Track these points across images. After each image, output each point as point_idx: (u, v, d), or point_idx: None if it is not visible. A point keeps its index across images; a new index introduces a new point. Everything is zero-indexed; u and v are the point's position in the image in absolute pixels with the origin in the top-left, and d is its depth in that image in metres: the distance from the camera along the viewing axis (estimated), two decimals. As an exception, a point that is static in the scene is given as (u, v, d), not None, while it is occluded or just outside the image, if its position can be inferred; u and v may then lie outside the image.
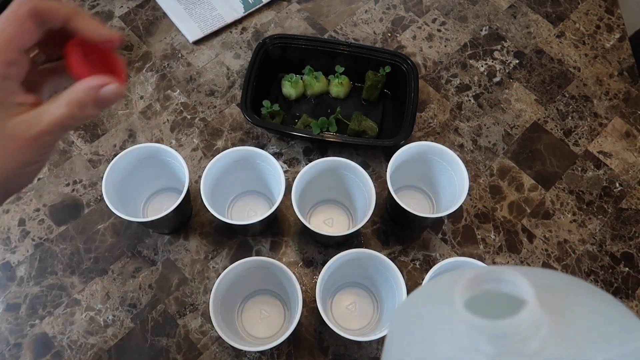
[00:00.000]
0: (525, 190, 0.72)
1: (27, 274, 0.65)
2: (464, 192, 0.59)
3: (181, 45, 0.81)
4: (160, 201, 0.69)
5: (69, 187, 0.70)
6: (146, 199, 0.69)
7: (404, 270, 0.66)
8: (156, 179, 0.67)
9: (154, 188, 0.69)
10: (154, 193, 0.70)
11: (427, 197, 0.71)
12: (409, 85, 0.71)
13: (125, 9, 0.84)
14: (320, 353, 0.61)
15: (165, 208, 0.59)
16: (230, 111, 0.76)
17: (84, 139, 0.73)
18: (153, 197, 0.69)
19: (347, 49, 0.74)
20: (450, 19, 0.85)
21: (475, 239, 0.68)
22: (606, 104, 0.78)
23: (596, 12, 0.86)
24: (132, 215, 0.59)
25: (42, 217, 0.68)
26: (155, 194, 0.70)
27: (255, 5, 0.84)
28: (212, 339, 0.62)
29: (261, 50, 0.73)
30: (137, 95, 0.77)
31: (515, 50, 0.82)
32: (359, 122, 0.71)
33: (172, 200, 0.60)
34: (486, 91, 0.79)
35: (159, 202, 0.69)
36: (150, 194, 0.69)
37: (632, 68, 0.81)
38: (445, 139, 0.75)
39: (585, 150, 0.75)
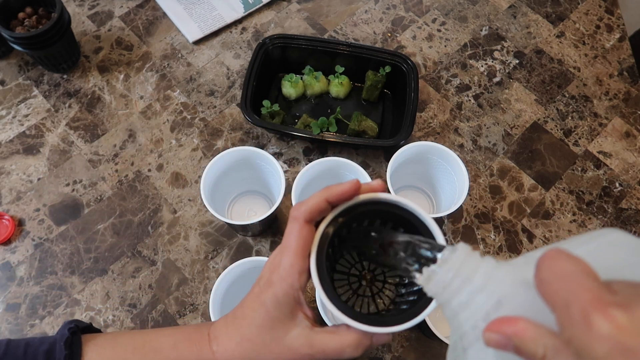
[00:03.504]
0: (525, 190, 0.72)
1: (27, 274, 0.65)
2: (464, 192, 0.59)
3: (181, 45, 0.81)
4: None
5: (69, 187, 0.70)
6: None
7: (404, 270, 0.66)
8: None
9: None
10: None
11: (427, 197, 0.71)
12: (409, 85, 0.71)
13: (125, 9, 0.84)
14: (320, 353, 0.61)
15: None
16: (230, 111, 0.76)
17: (84, 139, 0.73)
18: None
19: (347, 49, 0.74)
20: (450, 19, 0.85)
21: (475, 239, 0.68)
22: (606, 104, 0.78)
23: (596, 12, 0.86)
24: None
25: (42, 217, 0.68)
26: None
27: (255, 5, 0.84)
28: (212, 339, 0.62)
29: (261, 50, 0.73)
30: (137, 95, 0.77)
31: (515, 50, 0.82)
32: (359, 122, 0.71)
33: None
34: (486, 91, 0.79)
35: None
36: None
37: (632, 68, 0.81)
38: (445, 139, 0.75)
39: (585, 150, 0.75)
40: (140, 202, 0.69)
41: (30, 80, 0.77)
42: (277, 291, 0.33)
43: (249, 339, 0.34)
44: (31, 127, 0.74)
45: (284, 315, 0.34)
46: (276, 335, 0.34)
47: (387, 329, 0.32)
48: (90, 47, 0.80)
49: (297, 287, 0.33)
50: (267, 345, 0.34)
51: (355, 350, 0.33)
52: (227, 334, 0.36)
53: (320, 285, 0.32)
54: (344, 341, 0.33)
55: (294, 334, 0.34)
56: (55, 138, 0.73)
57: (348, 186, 0.34)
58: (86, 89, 0.77)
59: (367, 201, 0.34)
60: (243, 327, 0.35)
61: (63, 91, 0.76)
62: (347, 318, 0.32)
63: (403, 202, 0.34)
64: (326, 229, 0.34)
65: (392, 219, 0.35)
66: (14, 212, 0.68)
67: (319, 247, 0.33)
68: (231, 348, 0.35)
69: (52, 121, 0.74)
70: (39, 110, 0.75)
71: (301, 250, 0.33)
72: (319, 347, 0.33)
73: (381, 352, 0.61)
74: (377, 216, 0.35)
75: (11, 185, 0.70)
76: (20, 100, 0.75)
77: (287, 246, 0.33)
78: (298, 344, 0.34)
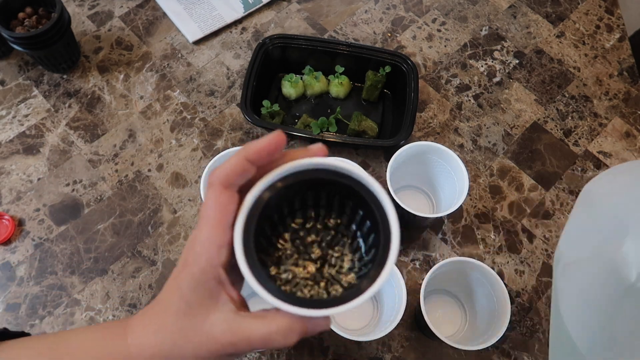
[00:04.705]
0: (525, 190, 0.72)
1: (27, 274, 0.65)
2: (464, 192, 0.59)
3: (181, 45, 0.81)
4: None
5: (69, 187, 0.70)
6: None
7: (404, 270, 0.66)
8: None
9: None
10: None
11: (427, 197, 0.71)
12: (409, 85, 0.71)
13: (125, 9, 0.84)
14: (320, 353, 0.61)
15: None
16: (230, 111, 0.76)
17: (83, 139, 0.73)
18: None
19: (347, 49, 0.74)
20: (450, 19, 0.85)
21: (475, 239, 0.68)
22: (606, 104, 0.78)
23: (596, 12, 0.86)
24: None
25: (42, 217, 0.68)
26: None
27: (255, 5, 0.84)
28: (212, 339, 0.62)
29: (261, 50, 0.73)
30: (137, 95, 0.77)
31: (515, 50, 0.82)
32: (359, 122, 0.71)
33: None
34: (486, 91, 0.79)
35: None
36: None
37: (632, 68, 0.81)
38: (445, 139, 0.75)
39: (585, 150, 0.75)
40: (140, 202, 0.69)
41: (30, 80, 0.77)
42: (194, 271, 0.29)
43: (164, 328, 0.30)
44: (31, 127, 0.74)
45: (202, 298, 0.29)
46: (195, 321, 0.29)
47: (319, 311, 0.27)
48: (90, 47, 0.80)
49: (217, 264, 0.28)
50: (184, 333, 0.29)
51: (285, 338, 0.28)
52: (143, 324, 0.31)
53: (245, 259, 0.28)
54: (271, 327, 0.28)
55: (215, 320, 0.29)
56: (55, 138, 0.73)
57: (268, 140, 0.28)
58: (86, 89, 0.77)
59: (309, 167, 0.30)
60: (159, 315, 0.31)
61: (63, 91, 0.76)
62: (271, 296, 0.27)
63: (349, 169, 0.29)
64: (257, 196, 0.29)
65: (340, 190, 0.30)
66: (14, 212, 0.68)
67: (247, 217, 0.28)
68: (147, 339, 0.31)
69: (52, 121, 0.74)
70: (39, 110, 0.75)
71: (219, 221, 0.28)
72: (243, 334, 0.29)
73: (381, 352, 0.62)
74: (321, 186, 0.31)
75: (11, 185, 0.70)
76: (20, 100, 0.75)
77: (203, 217, 0.29)
78: (219, 331, 0.29)
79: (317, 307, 0.27)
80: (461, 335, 0.62)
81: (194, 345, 0.29)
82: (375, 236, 0.30)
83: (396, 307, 0.55)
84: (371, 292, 0.27)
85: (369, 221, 0.30)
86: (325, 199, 0.32)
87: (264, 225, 0.30)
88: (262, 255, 0.30)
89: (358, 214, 0.31)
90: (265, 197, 0.29)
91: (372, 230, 0.30)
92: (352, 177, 0.29)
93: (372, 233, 0.30)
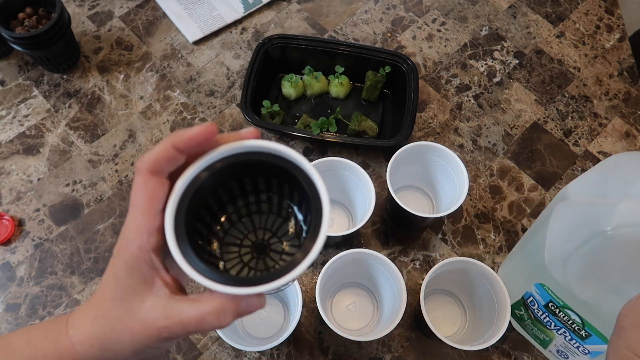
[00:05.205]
0: (525, 190, 0.72)
1: (27, 274, 0.65)
2: (464, 192, 0.59)
3: (181, 45, 0.81)
4: None
5: (69, 187, 0.70)
6: None
7: (404, 270, 0.66)
8: None
9: None
10: None
11: (427, 197, 0.71)
12: (409, 85, 0.71)
13: (125, 9, 0.84)
14: (320, 353, 0.61)
15: None
16: (230, 111, 0.76)
17: (83, 139, 0.73)
18: None
19: (347, 49, 0.74)
20: (450, 19, 0.85)
21: (475, 239, 0.68)
22: (606, 104, 0.78)
23: (596, 12, 0.86)
24: None
25: (42, 217, 0.68)
26: None
27: (255, 5, 0.84)
28: (212, 339, 0.62)
29: (261, 50, 0.73)
30: (137, 95, 0.77)
31: (515, 50, 0.82)
32: (359, 122, 0.71)
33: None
34: (486, 91, 0.79)
35: None
36: None
37: (632, 68, 0.81)
38: (445, 139, 0.75)
39: (585, 150, 0.75)
40: (140, 202, 0.69)
41: (30, 81, 0.77)
42: (126, 257, 0.29)
43: (102, 315, 0.30)
44: (31, 127, 0.74)
45: (136, 283, 0.29)
46: (130, 307, 0.29)
47: (249, 289, 0.27)
48: (90, 47, 0.80)
49: (148, 249, 0.28)
50: (121, 320, 0.29)
51: (218, 319, 0.28)
52: (83, 314, 0.31)
53: (175, 242, 0.28)
54: (203, 309, 0.28)
55: (149, 305, 0.29)
56: (55, 138, 0.73)
57: (198, 130, 0.28)
58: (86, 89, 0.77)
59: (241, 151, 0.30)
60: (97, 303, 0.31)
61: (63, 91, 0.76)
62: (201, 276, 0.27)
63: (280, 149, 0.29)
64: (189, 180, 0.29)
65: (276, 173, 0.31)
66: (14, 212, 0.68)
67: (179, 201, 0.29)
68: (86, 329, 0.31)
69: (52, 121, 0.74)
70: (39, 111, 0.75)
71: (148, 206, 0.28)
72: (176, 318, 0.29)
73: (381, 352, 0.62)
74: (258, 170, 0.31)
75: (11, 186, 0.70)
76: (20, 101, 0.75)
77: (132, 204, 0.29)
78: (153, 316, 0.29)
79: (247, 285, 0.27)
80: (461, 335, 0.62)
81: (131, 332, 0.29)
82: (309, 214, 0.30)
83: (396, 307, 0.55)
84: (299, 270, 0.27)
85: (303, 201, 0.31)
86: (264, 183, 0.32)
87: (200, 210, 0.30)
88: (198, 238, 0.30)
89: (294, 195, 0.32)
90: (198, 181, 0.29)
91: (307, 209, 0.31)
92: (285, 158, 0.30)
93: (307, 212, 0.31)
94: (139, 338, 0.29)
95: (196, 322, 0.28)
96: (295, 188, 0.31)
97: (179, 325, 0.29)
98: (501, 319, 0.53)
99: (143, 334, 0.29)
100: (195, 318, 0.28)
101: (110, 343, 0.30)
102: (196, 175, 0.29)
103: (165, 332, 0.29)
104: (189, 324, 0.29)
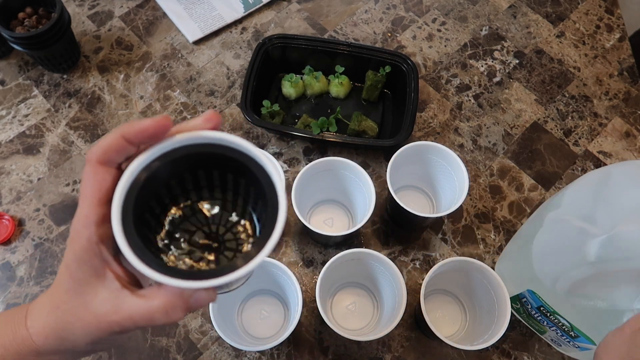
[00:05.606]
0: (525, 190, 0.72)
1: (27, 274, 0.65)
2: (464, 192, 0.59)
3: (181, 45, 0.81)
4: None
5: (69, 187, 0.70)
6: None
7: (404, 270, 0.66)
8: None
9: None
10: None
11: (427, 197, 0.71)
12: (409, 85, 0.71)
13: (125, 9, 0.84)
14: (320, 353, 0.61)
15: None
16: (230, 111, 0.76)
17: (83, 139, 0.73)
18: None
19: (347, 49, 0.74)
20: (450, 19, 0.85)
21: (475, 239, 0.68)
22: (606, 104, 0.78)
23: (596, 12, 0.86)
24: None
25: (42, 217, 0.68)
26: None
27: (255, 5, 0.84)
28: (212, 339, 0.62)
29: (261, 50, 0.73)
30: (137, 95, 0.77)
31: (515, 50, 0.82)
32: (359, 122, 0.71)
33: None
34: (486, 91, 0.79)
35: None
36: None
37: (632, 68, 0.81)
38: (445, 139, 0.75)
39: (585, 150, 0.75)
40: (140, 202, 0.69)
41: (30, 80, 0.77)
42: (76, 248, 0.28)
43: (57, 307, 0.30)
44: (31, 127, 0.74)
45: (88, 276, 0.29)
46: (83, 300, 0.29)
47: (197, 282, 0.26)
48: (90, 47, 0.80)
49: (96, 241, 0.28)
50: (75, 312, 0.29)
51: (167, 315, 0.28)
52: (41, 305, 0.31)
53: (122, 232, 0.27)
54: (152, 304, 0.28)
55: (101, 298, 0.29)
56: (55, 138, 0.73)
57: (149, 123, 0.28)
58: (86, 89, 0.77)
59: (195, 142, 0.29)
60: (53, 295, 0.31)
61: (63, 91, 0.76)
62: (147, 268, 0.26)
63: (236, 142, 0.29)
64: (137, 170, 0.28)
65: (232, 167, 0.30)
66: (14, 212, 0.68)
67: (126, 192, 0.28)
68: (42, 319, 0.31)
69: (52, 121, 0.74)
70: (39, 110, 0.75)
71: (96, 198, 0.28)
72: (125, 312, 0.28)
73: (381, 352, 0.62)
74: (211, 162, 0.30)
75: (11, 185, 0.70)
76: (20, 100, 0.75)
77: (81, 194, 0.28)
78: (104, 309, 0.29)
79: (196, 279, 0.26)
80: (461, 335, 0.62)
81: (84, 324, 0.29)
82: (265, 209, 0.29)
83: (396, 307, 0.55)
84: (250, 266, 0.27)
85: (260, 197, 0.30)
86: (219, 178, 0.31)
87: (150, 201, 0.30)
88: (147, 230, 0.30)
89: (250, 190, 0.31)
90: (148, 171, 0.28)
91: (263, 205, 0.30)
92: (241, 151, 0.29)
93: (263, 208, 0.30)
94: (91, 330, 0.29)
95: (145, 317, 0.28)
96: (252, 183, 0.30)
97: (128, 320, 0.28)
98: (501, 318, 0.53)
99: (95, 327, 0.29)
100: (144, 314, 0.28)
101: (65, 334, 0.30)
102: (146, 165, 0.28)
103: (116, 326, 0.29)
104: (139, 319, 0.28)
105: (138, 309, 0.28)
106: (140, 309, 0.28)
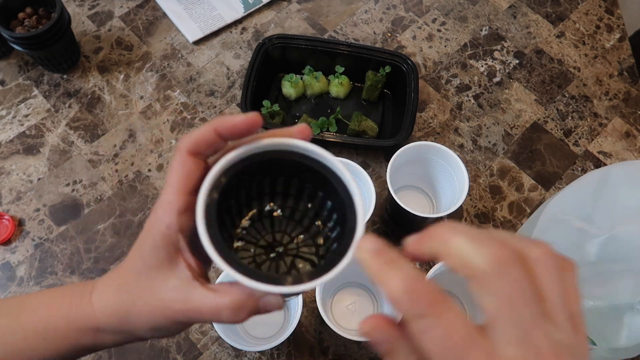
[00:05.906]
0: (525, 190, 0.72)
1: (27, 274, 0.65)
2: (464, 192, 0.59)
3: (181, 45, 0.81)
4: None
5: (69, 187, 0.70)
6: None
7: (404, 270, 0.66)
8: None
9: None
10: None
11: (427, 197, 0.71)
12: (409, 85, 0.71)
13: (125, 9, 0.84)
14: (320, 353, 0.61)
15: None
16: (230, 111, 0.76)
17: (83, 139, 0.73)
18: None
19: (347, 49, 0.74)
20: (450, 19, 0.85)
21: (475, 239, 0.68)
22: (606, 104, 0.78)
23: (596, 12, 0.86)
24: None
25: (42, 217, 0.68)
26: None
27: (255, 5, 0.84)
28: (212, 339, 0.62)
29: (261, 50, 0.73)
30: (137, 95, 0.77)
31: (515, 50, 0.82)
32: (359, 122, 0.71)
33: None
34: (486, 91, 0.79)
35: None
36: None
37: (632, 68, 0.81)
38: (445, 139, 0.75)
39: (585, 150, 0.75)
40: (140, 202, 0.69)
41: (30, 80, 0.77)
42: (154, 234, 0.29)
43: (125, 287, 0.30)
44: (31, 127, 0.74)
45: (161, 262, 0.29)
46: (152, 285, 0.29)
47: (276, 287, 0.26)
48: (90, 47, 0.80)
49: (175, 229, 0.28)
50: (142, 294, 0.30)
51: (235, 313, 0.28)
52: (108, 283, 0.32)
53: (205, 225, 0.27)
54: (222, 301, 0.28)
55: (170, 286, 0.29)
56: (55, 138, 0.73)
57: (242, 119, 0.28)
58: (86, 89, 0.77)
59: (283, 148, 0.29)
60: (122, 275, 0.31)
61: (63, 91, 0.76)
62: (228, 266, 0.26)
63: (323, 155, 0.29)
64: (225, 169, 0.28)
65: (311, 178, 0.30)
66: (14, 212, 0.68)
67: (212, 185, 0.28)
68: (108, 297, 0.31)
69: (52, 121, 0.74)
70: (39, 110, 0.75)
71: (183, 185, 0.28)
72: (194, 304, 0.28)
73: (381, 352, 0.61)
74: (293, 172, 0.30)
75: (11, 185, 0.70)
76: (20, 100, 0.75)
77: (167, 182, 0.29)
78: (171, 297, 0.29)
79: (273, 284, 0.26)
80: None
81: (150, 309, 0.30)
82: (341, 223, 0.29)
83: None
84: (326, 278, 0.27)
85: (336, 210, 0.30)
86: (296, 187, 0.31)
87: (231, 200, 0.30)
88: (224, 230, 0.30)
89: (327, 203, 0.31)
90: (234, 170, 0.29)
91: (339, 219, 0.30)
92: (324, 163, 0.29)
93: (338, 223, 0.30)
94: (156, 316, 0.30)
95: (212, 312, 0.28)
96: (330, 198, 0.30)
97: (195, 311, 0.29)
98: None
99: (161, 313, 0.29)
100: (212, 308, 0.28)
101: (129, 316, 0.30)
102: (234, 163, 0.29)
103: (181, 315, 0.29)
104: (206, 312, 0.28)
105: (207, 302, 0.28)
106: (210, 303, 0.28)
